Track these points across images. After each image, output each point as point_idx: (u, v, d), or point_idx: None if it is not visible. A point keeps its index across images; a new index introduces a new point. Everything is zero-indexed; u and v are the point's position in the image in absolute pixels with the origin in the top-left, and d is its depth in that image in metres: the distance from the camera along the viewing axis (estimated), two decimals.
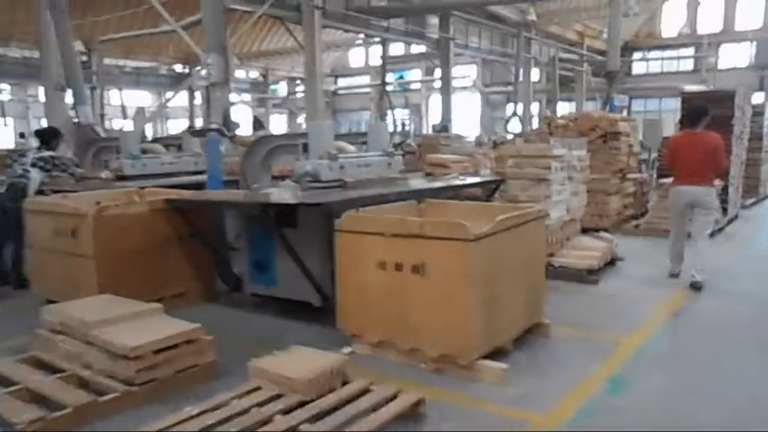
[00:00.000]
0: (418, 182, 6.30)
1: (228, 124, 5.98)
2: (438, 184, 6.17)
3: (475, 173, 8.26)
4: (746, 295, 5.69)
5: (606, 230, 8.62)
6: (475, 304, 3.70)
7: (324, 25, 16.23)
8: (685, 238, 6.20)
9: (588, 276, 5.97)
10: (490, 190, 6.70)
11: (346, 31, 19.78)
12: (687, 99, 10.27)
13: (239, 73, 37.18)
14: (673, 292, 5.81)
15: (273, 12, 15.58)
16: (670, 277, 6.19)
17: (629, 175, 9.46)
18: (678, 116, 11.18)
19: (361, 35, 23.49)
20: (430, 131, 21.15)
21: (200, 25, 14.59)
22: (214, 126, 5.66)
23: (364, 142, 6.37)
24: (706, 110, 6.09)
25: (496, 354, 3.98)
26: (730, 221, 9.42)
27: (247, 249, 5.56)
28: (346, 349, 4.25)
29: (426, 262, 3.77)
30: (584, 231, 7.92)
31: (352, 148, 6.01)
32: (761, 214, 10.82)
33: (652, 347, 4.40)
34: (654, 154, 14.09)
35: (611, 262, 6.67)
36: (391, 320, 4.01)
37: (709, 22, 30.79)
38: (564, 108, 25.53)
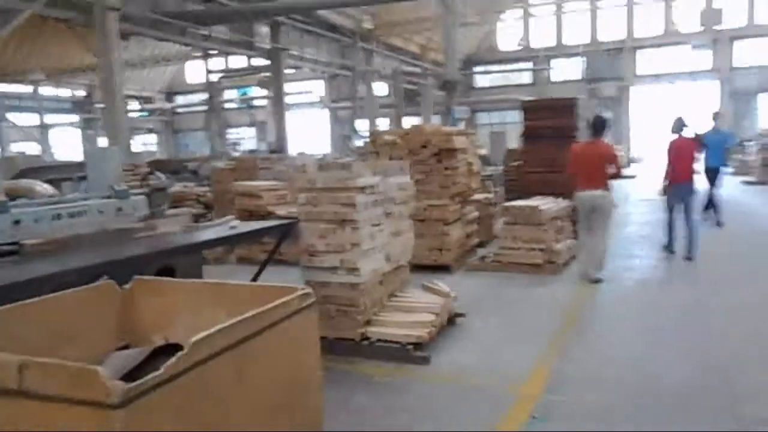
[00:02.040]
0: (169, 235, 4.28)
1: None
2: (192, 238, 4.18)
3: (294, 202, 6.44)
4: (625, 353, 4.33)
5: (447, 267, 7.16)
6: None
7: (125, 33, 13.61)
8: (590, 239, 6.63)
9: (416, 352, 4.29)
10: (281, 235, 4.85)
11: (159, 39, 17.24)
12: (527, 108, 9.33)
13: (62, 92, 32.82)
14: (529, 363, 4.28)
15: (52, 12, 12.74)
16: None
17: (471, 198, 8.12)
18: (521, 128, 10.20)
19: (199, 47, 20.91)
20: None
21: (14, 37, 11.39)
22: None
23: (83, 177, 4.24)
24: (606, 121, 6.80)
25: None
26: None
27: None
28: None
29: None
30: (421, 269, 6.44)
31: (48, 188, 3.86)
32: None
33: None
34: (500, 168, 13.15)
35: (450, 320, 5.09)
36: None
37: (543, 37, 32.31)
38: (411, 123, 24.72)
